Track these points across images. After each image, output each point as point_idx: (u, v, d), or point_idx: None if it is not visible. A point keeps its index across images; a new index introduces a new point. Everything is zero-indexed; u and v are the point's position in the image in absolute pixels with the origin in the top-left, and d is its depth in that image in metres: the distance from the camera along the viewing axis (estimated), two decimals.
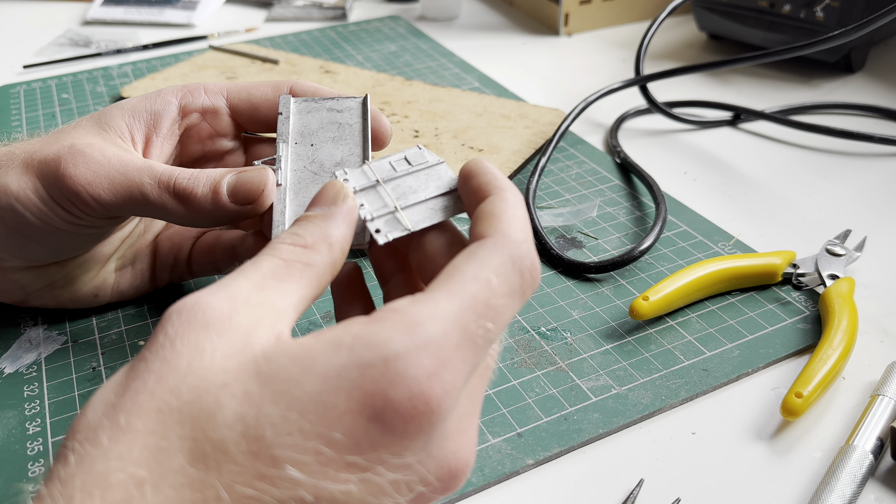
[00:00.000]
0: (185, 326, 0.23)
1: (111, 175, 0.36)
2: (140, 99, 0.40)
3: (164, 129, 0.40)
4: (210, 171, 0.37)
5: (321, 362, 0.23)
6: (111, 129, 0.38)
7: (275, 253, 0.27)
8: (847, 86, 0.69)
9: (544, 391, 0.38)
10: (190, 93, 0.40)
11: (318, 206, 0.29)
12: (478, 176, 0.29)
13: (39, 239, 0.38)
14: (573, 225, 0.51)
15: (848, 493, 0.32)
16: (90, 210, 0.36)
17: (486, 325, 0.24)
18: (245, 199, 0.36)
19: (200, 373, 0.22)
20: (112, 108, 0.39)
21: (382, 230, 0.29)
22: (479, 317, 0.24)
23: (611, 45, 0.81)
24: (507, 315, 0.25)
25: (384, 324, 0.23)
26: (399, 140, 0.60)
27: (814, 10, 0.67)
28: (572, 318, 0.43)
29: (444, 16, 0.89)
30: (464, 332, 0.24)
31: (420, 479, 0.24)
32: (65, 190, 0.36)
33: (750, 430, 0.36)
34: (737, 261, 0.44)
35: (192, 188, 0.36)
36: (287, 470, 0.21)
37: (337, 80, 0.71)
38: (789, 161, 0.58)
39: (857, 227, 0.50)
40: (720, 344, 0.41)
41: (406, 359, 0.22)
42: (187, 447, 0.21)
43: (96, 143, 0.37)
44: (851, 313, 0.39)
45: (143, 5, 0.91)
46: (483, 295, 0.25)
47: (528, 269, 0.26)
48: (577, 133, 0.62)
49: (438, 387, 0.23)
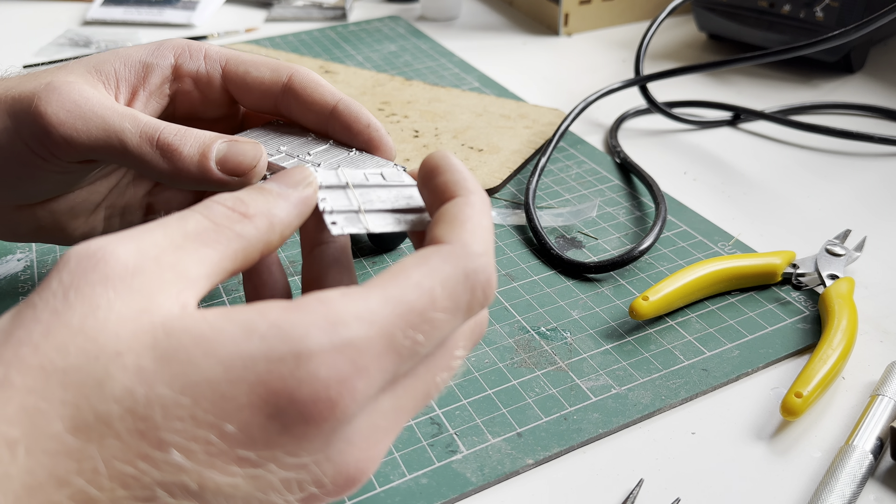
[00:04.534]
0: (82, 276, 0.21)
1: (87, 116, 0.33)
2: (138, 48, 0.37)
3: (152, 84, 0.37)
4: (201, 132, 0.34)
5: (227, 347, 0.21)
6: (98, 73, 0.36)
7: (207, 213, 0.24)
8: (847, 86, 0.69)
9: (544, 391, 0.38)
10: (189, 53, 0.38)
11: (277, 181, 0.27)
12: (444, 172, 0.27)
13: (4, 179, 0.36)
14: (573, 225, 0.51)
15: (848, 493, 0.32)
16: (59, 151, 0.34)
17: (415, 337, 0.23)
18: (234, 171, 0.34)
19: (92, 334, 0.21)
20: (106, 53, 0.37)
21: (339, 223, 0.28)
22: (409, 327, 0.23)
23: (611, 45, 0.81)
24: (445, 330, 0.24)
25: (305, 314, 0.21)
26: (399, 140, 0.60)
27: (814, 10, 0.67)
28: (572, 318, 0.43)
29: (444, 16, 0.89)
30: (389, 340, 0.22)
31: (313, 480, 0.23)
32: (34, 127, 0.33)
33: (750, 430, 0.36)
34: (737, 261, 0.44)
35: (179, 146, 0.33)
36: (172, 454, 0.20)
37: (337, 80, 0.71)
38: (789, 161, 0.58)
39: (856, 227, 0.50)
40: (720, 344, 0.41)
41: (320, 358, 0.21)
42: (68, 413, 0.20)
43: (76, 82, 0.35)
44: (851, 313, 0.39)
45: (142, 5, 0.91)
46: (421, 305, 0.23)
47: (481, 285, 0.24)
48: (576, 133, 0.62)
49: (347, 394, 0.21)
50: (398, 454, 0.35)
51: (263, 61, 0.39)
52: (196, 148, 0.34)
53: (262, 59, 0.39)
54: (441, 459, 0.34)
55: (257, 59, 0.39)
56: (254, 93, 0.39)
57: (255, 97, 0.39)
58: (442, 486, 0.33)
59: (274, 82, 0.38)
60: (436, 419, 0.36)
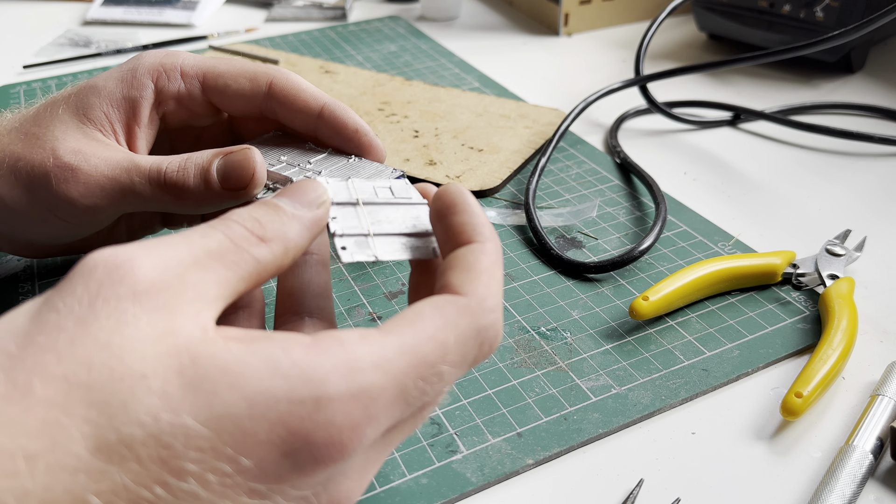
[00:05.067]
0: (109, 287, 0.21)
1: (102, 184, 0.36)
2: (115, 83, 0.39)
3: (143, 117, 0.39)
4: (197, 156, 0.36)
5: (251, 384, 0.21)
6: (91, 121, 0.38)
7: (228, 231, 0.25)
8: (847, 86, 0.69)
9: (544, 391, 0.38)
10: (167, 75, 0.39)
11: (292, 199, 0.27)
12: (461, 213, 0.28)
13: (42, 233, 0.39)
14: (573, 225, 0.51)
15: (848, 493, 0.32)
16: (89, 217, 0.37)
17: (424, 388, 0.24)
18: (236, 185, 0.35)
19: (118, 352, 0.21)
20: (88, 94, 0.38)
21: (349, 248, 0.28)
22: (421, 379, 0.24)
23: (611, 45, 0.81)
24: (449, 381, 0.25)
25: (326, 357, 0.22)
26: (399, 140, 0.60)
27: (814, 10, 0.67)
28: (572, 318, 0.43)
29: (444, 16, 0.89)
30: (401, 390, 0.23)
31: None
32: (60, 203, 0.36)
33: (750, 430, 0.36)
34: (737, 261, 0.44)
35: (184, 181, 0.35)
36: (189, 483, 0.21)
37: (337, 80, 0.71)
38: (789, 161, 0.58)
39: (856, 227, 0.50)
40: (720, 344, 0.41)
41: (337, 405, 0.22)
42: (90, 432, 0.20)
43: (81, 149, 0.36)
44: (851, 313, 0.39)
45: (142, 5, 0.91)
46: (434, 358, 0.24)
47: (488, 341, 0.25)
48: (577, 133, 0.62)
49: (357, 439, 0.23)
50: (398, 454, 0.35)
51: (241, 71, 0.39)
52: (199, 176, 0.35)
53: (240, 67, 0.40)
54: (441, 459, 0.34)
55: (235, 69, 0.39)
56: (236, 104, 0.40)
57: (239, 107, 0.40)
58: (442, 486, 0.33)
59: (255, 92, 0.39)
60: (436, 419, 0.36)
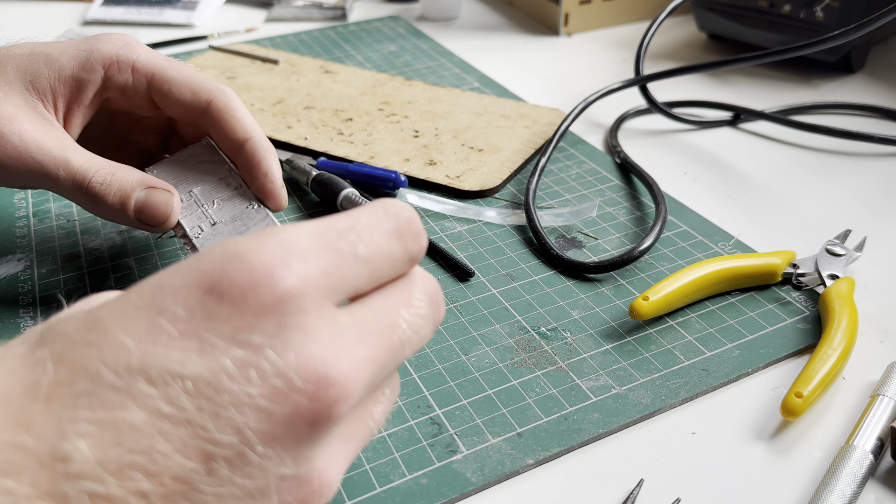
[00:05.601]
0: None
1: (27, 162, 0.39)
2: (68, 58, 0.41)
3: (85, 99, 0.41)
4: (123, 179, 0.39)
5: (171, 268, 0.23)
6: (36, 90, 0.40)
7: None
8: (847, 86, 0.69)
9: (544, 391, 0.38)
10: (119, 66, 0.41)
11: None
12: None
13: None
14: (573, 225, 0.51)
15: (848, 493, 0.32)
16: (6, 183, 0.40)
17: (349, 238, 0.24)
18: (149, 220, 0.40)
19: None
20: (39, 63, 0.41)
21: None
22: (342, 233, 0.24)
23: (611, 45, 0.81)
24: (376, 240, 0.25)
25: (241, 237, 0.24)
26: (399, 140, 0.60)
27: (814, 10, 0.67)
28: (572, 318, 0.43)
29: (444, 16, 0.89)
30: (321, 237, 0.24)
31: (275, 371, 0.21)
32: None
33: (750, 430, 0.36)
34: (737, 261, 0.44)
35: (104, 195, 0.39)
36: (115, 335, 0.21)
37: (337, 80, 0.71)
38: (789, 161, 0.58)
39: (856, 227, 0.50)
40: (720, 344, 0.41)
41: (249, 247, 0.23)
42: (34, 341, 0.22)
43: (17, 117, 0.39)
44: (851, 313, 0.39)
45: (143, 5, 0.91)
46: (347, 221, 0.25)
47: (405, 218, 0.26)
48: (577, 133, 0.62)
49: (281, 266, 0.22)
50: (398, 454, 0.35)
51: (187, 82, 0.42)
52: (118, 198, 0.39)
53: (188, 78, 0.42)
54: (441, 459, 0.34)
55: (182, 79, 0.42)
56: (175, 110, 0.43)
57: (177, 113, 0.43)
58: (442, 486, 0.33)
59: (194, 105, 0.42)
60: (436, 419, 0.36)
